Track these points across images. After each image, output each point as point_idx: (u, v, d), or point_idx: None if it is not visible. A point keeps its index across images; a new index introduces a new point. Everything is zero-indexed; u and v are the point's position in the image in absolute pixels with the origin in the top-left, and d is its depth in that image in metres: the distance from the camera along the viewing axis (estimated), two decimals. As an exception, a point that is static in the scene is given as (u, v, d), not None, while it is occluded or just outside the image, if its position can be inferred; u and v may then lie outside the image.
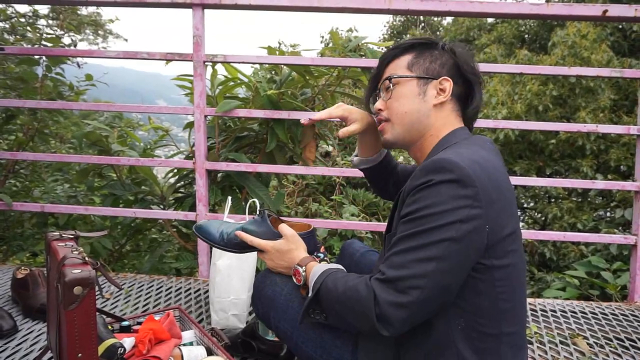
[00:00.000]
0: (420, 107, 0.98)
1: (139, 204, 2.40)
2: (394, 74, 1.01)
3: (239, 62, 2.10)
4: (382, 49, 2.18)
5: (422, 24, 12.72)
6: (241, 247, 1.09)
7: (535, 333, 1.59)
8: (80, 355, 0.93)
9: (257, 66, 3.65)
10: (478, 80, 1.00)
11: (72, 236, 1.13)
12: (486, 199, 0.79)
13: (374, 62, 1.73)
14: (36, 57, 2.63)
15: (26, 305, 1.62)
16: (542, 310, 1.78)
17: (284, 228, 1.06)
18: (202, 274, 2.04)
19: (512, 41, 7.92)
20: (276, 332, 1.04)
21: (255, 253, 1.52)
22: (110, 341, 1.08)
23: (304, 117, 2.15)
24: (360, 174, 2.45)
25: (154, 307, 1.73)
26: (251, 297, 1.09)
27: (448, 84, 0.97)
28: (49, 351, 1.15)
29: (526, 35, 8.23)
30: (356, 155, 1.23)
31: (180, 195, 2.47)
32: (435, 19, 12.56)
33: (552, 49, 5.68)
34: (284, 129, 2.13)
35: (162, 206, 2.44)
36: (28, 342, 1.43)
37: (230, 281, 1.48)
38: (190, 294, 1.86)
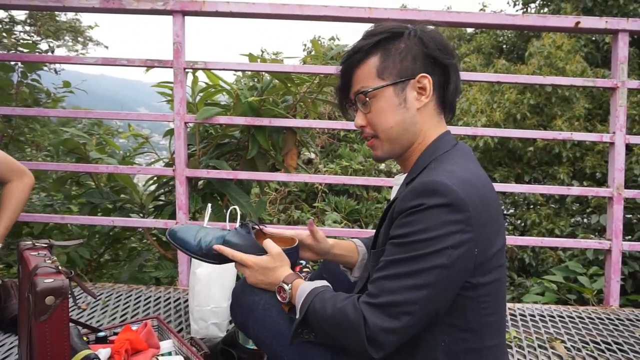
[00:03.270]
0: (405, 116, 0.90)
1: (118, 213, 2.36)
2: (366, 86, 0.90)
3: (220, 69, 2.09)
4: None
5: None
6: (221, 258, 1.03)
7: (515, 337, 1.61)
8: (52, 367, 0.90)
9: (240, 73, 3.66)
10: (453, 61, 0.91)
11: (45, 245, 1.10)
12: (477, 222, 0.78)
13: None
14: (12, 63, 2.58)
15: (-2, 318, 1.56)
16: (521, 315, 1.80)
17: (269, 244, 1.01)
18: (182, 283, 2.01)
19: (491, 51, 8.11)
20: (255, 341, 1.02)
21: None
22: (84, 352, 1.05)
23: (285, 123, 2.15)
24: (342, 181, 2.46)
25: (132, 317, 1.69)
26: (230, 306, 1.08)
27: (427, 81, 0.89)
28: (21, 364, 1.12)
29: (504, 46, 8.43)
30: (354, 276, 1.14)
31: (160, 203, 2.44)
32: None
33: (529, 59, 5.83)
34: (265, 136, 2.12)
35: (141, 214, 2.40)
36: (-1, 356, 1.38)
37: (210, 290, 1.47)
38: (169, 303, 1.82)
